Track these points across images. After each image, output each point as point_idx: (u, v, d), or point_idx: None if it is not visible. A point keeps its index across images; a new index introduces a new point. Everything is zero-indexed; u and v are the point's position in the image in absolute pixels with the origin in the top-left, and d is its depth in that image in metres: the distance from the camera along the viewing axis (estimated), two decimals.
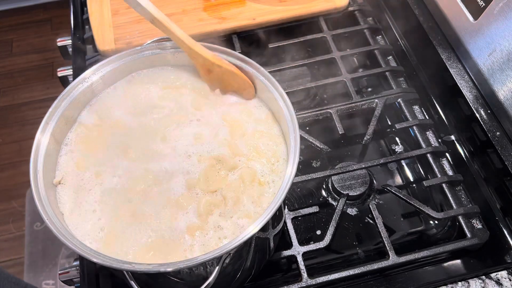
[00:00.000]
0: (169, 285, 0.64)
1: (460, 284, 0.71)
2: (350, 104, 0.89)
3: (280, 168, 0.63)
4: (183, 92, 0.71)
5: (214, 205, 0.60)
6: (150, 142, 0.65)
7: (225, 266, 0.58)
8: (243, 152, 0.64)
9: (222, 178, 0.62)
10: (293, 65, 0.95)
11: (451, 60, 0.89)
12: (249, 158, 0.63)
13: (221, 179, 0.62)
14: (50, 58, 2.49)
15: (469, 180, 0.81)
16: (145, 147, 0.65)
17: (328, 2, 1.01)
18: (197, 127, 0.67)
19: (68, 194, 0.61)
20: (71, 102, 0.65)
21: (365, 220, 0.81)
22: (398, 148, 0.90)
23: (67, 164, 0.63)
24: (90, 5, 1.00)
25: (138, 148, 0.65)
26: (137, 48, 0.69)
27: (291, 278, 0.73)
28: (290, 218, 0.75)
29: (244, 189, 0.61)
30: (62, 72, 0.96)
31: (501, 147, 0.78)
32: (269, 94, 0.65)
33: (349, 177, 0.82)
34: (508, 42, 0.75)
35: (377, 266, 0.71)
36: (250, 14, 0.99)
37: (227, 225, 0.58)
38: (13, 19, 2.69)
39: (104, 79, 0.68)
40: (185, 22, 0.97)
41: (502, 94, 0.78)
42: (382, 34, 1.02)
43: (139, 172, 0.62)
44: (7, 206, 2.01)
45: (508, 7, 0.74)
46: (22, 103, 2.34)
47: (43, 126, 0.61)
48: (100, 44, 0.94)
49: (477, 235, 0.73)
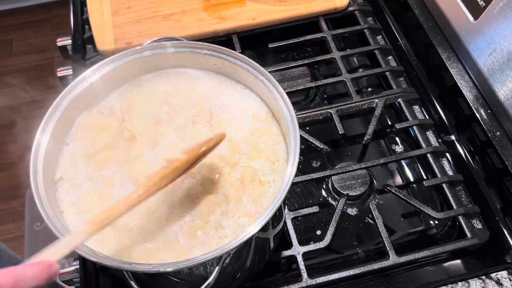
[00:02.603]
0: (169, 285, 0.64)
1: (460, 284, 0.71)
2: (350, 104, 0.89)
3: (280, 167, 0.63)
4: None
5: (216, 204, 0.60)
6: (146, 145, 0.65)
7: (225, 266, 0.58)
8: (243, 151, 0.64)
9: (225, 177, 0.62)
10: (293, 65, 0.95)
11: (451, 60, 0.89)
12: (249, 157, 0.64)
13: (223, 178, 0.62)
14: (50, 58, 2.49)
15: (469, 180, 0.81)
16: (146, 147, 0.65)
17: (328, 2, 1.01)
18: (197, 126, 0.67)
19: (68, 193, 0.61)
20: (71, 102, 0.64)
21: (365, 220, 0.81)
22: (398, 148, 0.90)
23: (67, 162, 0.63)
24: (90, 5, 1.00)
25: (141, 145, 0.65)
26: (137, 48, 0.69)
27: (291, 278, 0.73)
28: (290, 218, 0.75)
29: (245, 189, 0.61)
30: (62, 72, 0.96)
31: (501, 147, 0.78)
32: (269, 94, 0.65)
33: (349, 177, 0.82)
34: (508, 42, 0.75)
35: (377, 266, 0.71)
36: (250, 14, 0.99)
37: (229, 224, 0.59)
38: (13, 19, 2.69)
39: (104, 79, 0.68)
40: (185, 22, 0.97)
41: (502, 94, 0.78)
42: (382, 34, 1.02)
43: (141, 171, 0.63)
44: (7, 206, 2.00)
45: (508, 7, 0.74)
46: (22, 103, 2.34)
47: (43, 126, 0.61)
48: (100, 44, 0.94)
49: (477, 235, 0.73)
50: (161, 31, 0.96)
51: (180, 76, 0.72)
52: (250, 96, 0.70)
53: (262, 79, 0.66)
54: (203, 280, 0.54)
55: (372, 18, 1.05)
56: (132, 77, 0.71)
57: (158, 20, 0.98)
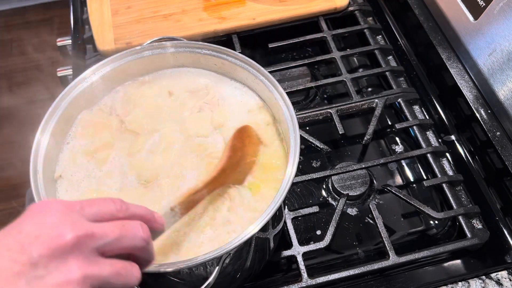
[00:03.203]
0: (169, 285, 0.64)
1: (460, 284, 0.71)
2: (350, 104, 0.89)
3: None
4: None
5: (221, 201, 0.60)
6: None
7: (225, 266, 0.58)
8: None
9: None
10: (293, 65, 0.95)
11: (451, 60, 0.89)
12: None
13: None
14: (50, 58, 2.49)
15: (469, 180, 0.81)
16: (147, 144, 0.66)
17: (328, 2, 1.01)
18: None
19: (67, 191, 0.61)
20: (71, 102, 0.65)
21: (365, 220, 0.81)
22: (398, 148, 0.90)
23: (67, 160, 0.63)
24: (90, 5, 1.00)
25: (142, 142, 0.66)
26: (137, 48, 0.69)
27: (291, 278, 0.73)
28: (290, 218, 0.75)
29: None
30: (62, 72, 0.96)
31: (501, 147, 0.78)
32: (269, 94, 0.65)
33: (349, 177, 0.82)
34: (508, 42, 0.75)
35: (377, 266, 0.71)
36: (250, 14, 0.99)
37: (236, 220, 0.59)
38: (13, 19, 2.68)
39: (104, 79, 0.68)
40: (185, 22, 0.97)
41: (502, 94, 0.78)
42: (382, 34, 1.02)
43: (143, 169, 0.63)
44: (7, 206, 2.00)
45: (508, 7, 0.74)
46: (22, 103, 2.34)
47: (43, 126, 0.61)
48: (100, 44, 0.94)
49: (477, 235, 0.73)
50: (161, 31, 0.96)
51: (180, 75, 0.72)
52: (248, 92, 0.70)
53: (262, 79, 0.66)
54: (203, 280, 0.54)
55: (372, 18, 1.05)
56: (132, 77, 0.71)
57: (158, 20, 0.98)
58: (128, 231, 0.42)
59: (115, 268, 0.40)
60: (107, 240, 0.40)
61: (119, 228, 0.41)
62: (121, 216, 0.43)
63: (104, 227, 0.41)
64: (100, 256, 0.40)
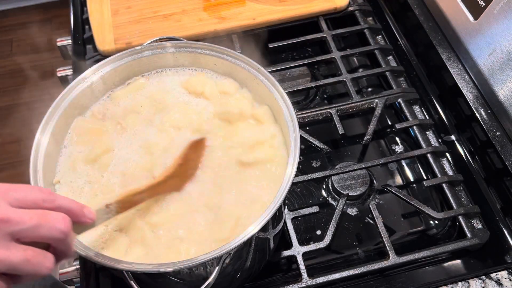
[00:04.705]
0: (169, 285, 0.64)
1: (460, 284, 0.71)
2: (350, 104, 0.89)
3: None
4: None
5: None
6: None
7: (225, 266, 0.58)
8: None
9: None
10: (293, 65, 0.95)
11: (451, 60, 0.89)
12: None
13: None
14: (50, 58, 2.49)
15: (469, 180, 0.81)
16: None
17: (328, 2, 1.01)
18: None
19: (67, 194, 0.61)
20: (71, 102, 0.65)
21: (365, 220, 0.81)
22: (398, 148, 0.90)
23: (65, 166, 0.63)
24: (90, 5, 1.00)
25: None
26: (137, 48, 0.69)
27: (291, 278, 0.73)
28: (290, 218, 0.75)
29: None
30: (62, 72, 0.96)
31: (501, 147, 0.78)
32: (269, 94, 0.65)
33: (349, 177, 0.82)
34: (508, 42, 0.75)
35: (377, 266, 0.71)
36: (250, 14, 0.99)
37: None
38: (13, 19, 2.68)
39: (104, 79, 0.68)
40: (185, 22, 0.97)
41: (502, 94, 0.78)
42: (382, 34, 1.02)
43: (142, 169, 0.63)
44: None
45: (508, 7, 0.74)
46: (22, 103, 2.34)
47: (43, 126, 0.61)
48: (100, 44, 0.94)
49: (477, 235, 0.73)
50: (161, 31, 0.96)
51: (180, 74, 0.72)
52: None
53: (262, 79, 0.66)
54: (203, 280, 0.54)
55: (372, 18, 1.05)
56: (132, 76, 0.71)
57: (158, 20, 0.98)
58: (47, 221, 0.42)
59: (25, 255, 0.41)
60: (23, 227, 0.40)
61: (38, 216, 0.42)
62: (46, 206, 0.43)
63: (23, 213, 0.41)
64: (14, 241, 0.41)
